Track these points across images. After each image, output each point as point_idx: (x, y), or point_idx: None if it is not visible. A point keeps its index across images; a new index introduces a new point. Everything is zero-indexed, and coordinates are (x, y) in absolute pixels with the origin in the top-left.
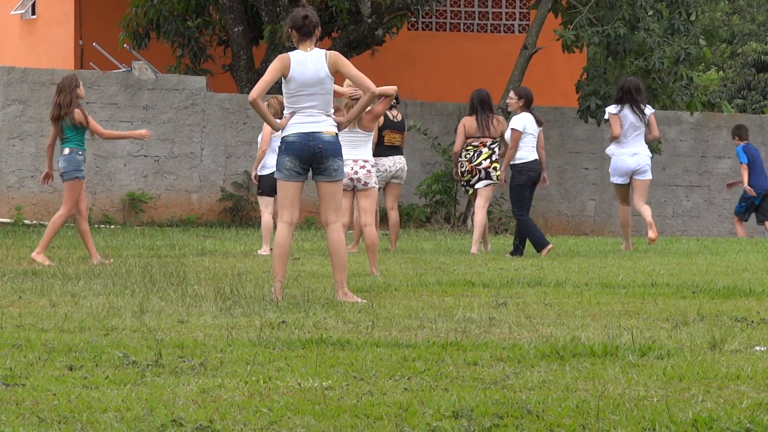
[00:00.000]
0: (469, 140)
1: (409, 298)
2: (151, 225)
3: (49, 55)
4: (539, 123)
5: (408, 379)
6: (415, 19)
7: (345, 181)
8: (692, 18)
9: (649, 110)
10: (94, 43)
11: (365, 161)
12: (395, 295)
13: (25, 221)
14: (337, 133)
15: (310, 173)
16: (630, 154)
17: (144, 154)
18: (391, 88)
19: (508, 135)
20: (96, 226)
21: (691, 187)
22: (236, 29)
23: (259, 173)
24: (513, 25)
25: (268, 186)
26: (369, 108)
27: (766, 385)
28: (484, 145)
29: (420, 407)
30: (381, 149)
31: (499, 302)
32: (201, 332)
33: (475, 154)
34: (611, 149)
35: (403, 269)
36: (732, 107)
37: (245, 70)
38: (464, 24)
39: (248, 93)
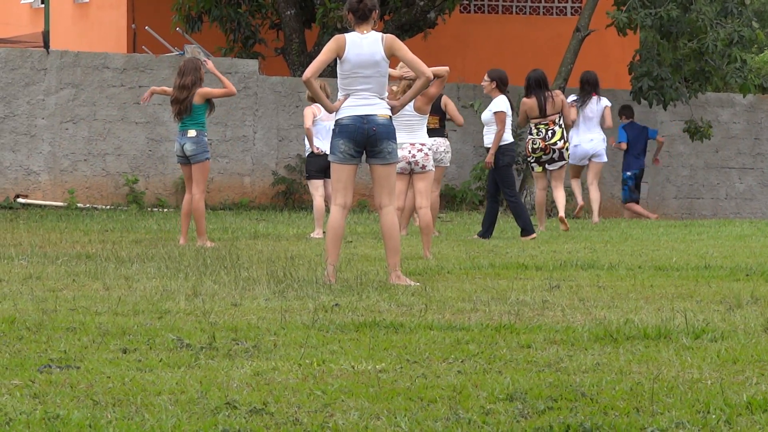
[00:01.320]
0: (536, 120)
1: (462, 281)
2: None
3: (102, 38)
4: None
5: (461, 362)
6: (467, 2)
7: (402, 164)
8: (746, 1)
9: (605, 102)
10: (146, 27)
11: (422, 144)
12: (448, 278)
13: (78, 205)
14: (390, 116)
15: (364, 156)
16: (588, 140)
17: None
18: (443, 69)
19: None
20: (149, 209)
21: (745, 170)
22: (288, 12)
23: (306, 156)
24: (565, 7)
25: (315, 169)
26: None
27: None
28: (554, 123)
29: (474, 390)
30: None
31: (552, 285)
32: (254, 315)
33: (549, 133)
34: (570, 136)
35: (456, 252)
36: None
37: (297, 54)
38: (516, 6)
39: (301, 76)
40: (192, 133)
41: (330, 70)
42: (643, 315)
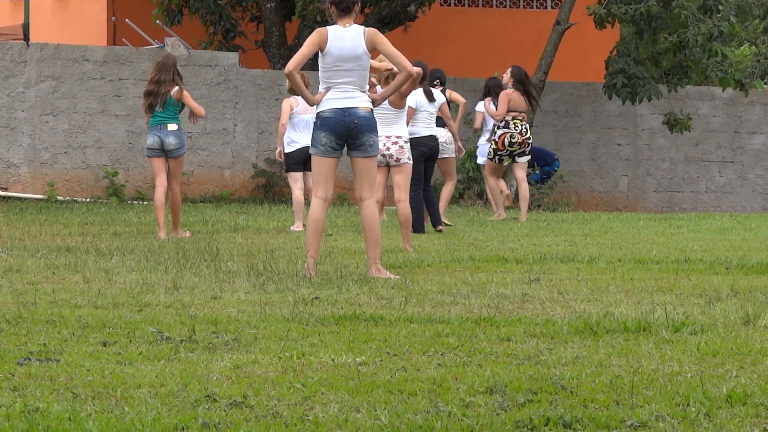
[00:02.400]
0: (513, 114)
1: (442, 274)
2: (184, 201)
3: (82, 31)
4: (431, 98)
5: (441, 354)
6: None
7: (378, 157)
8: None
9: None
10: (126, 20)
11: (398, 137)
12: (428, 271)
13: (58, 197)
14: (372, 109)
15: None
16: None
17: None
18: (415, 70)
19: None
20: (129, 202)
21: (725, 163)
22: (268, 5)
23: (284, 151)
24: (546, 0)
25: (294, 162)
26: None
27: None
28: (525, 120)
29: (454, 383)
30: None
31: (532, 278)
32: (234, 308)
33: (524, 128)
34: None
35: (436, 245)
36: (765, 83)
37: (278, 46)
38: (497, 0)
39: (281, 69)
40: (173, 126)
41: (311, 63)
42: (623, 308)
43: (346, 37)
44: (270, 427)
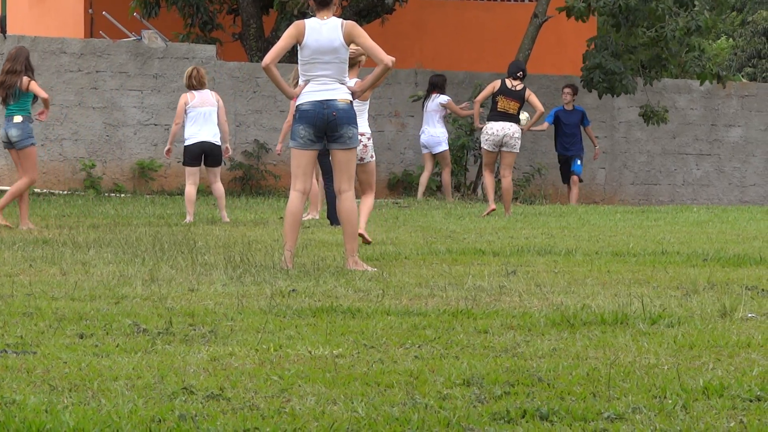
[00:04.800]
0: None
1: (419, 266)
2: (161, 194)
3: (59, 23)
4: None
5: (418, 347)
6: None
7: None
8: None
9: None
10: (104, 12)
11: (361, 134)
12: (405, 263)
13: (35, 190)
14: (351, 101)
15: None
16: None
17: (154, 122)
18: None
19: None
20: (106, 194)
21: (702, 156)
22: None
23: (184, 145)
24: None
25: (189, 156)
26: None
27: None
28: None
29: (431, 375)
30: (493, 114)
31: (510, 271)
32: (211, 300)
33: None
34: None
35: (413, 238)
36: (742, 76)
37: (255, 39)
38: None
39: (258, 62)
40: (18, 119)
41: (288, 56)
42: (600, 300)
43: (323, 29)
44: (247, 419)
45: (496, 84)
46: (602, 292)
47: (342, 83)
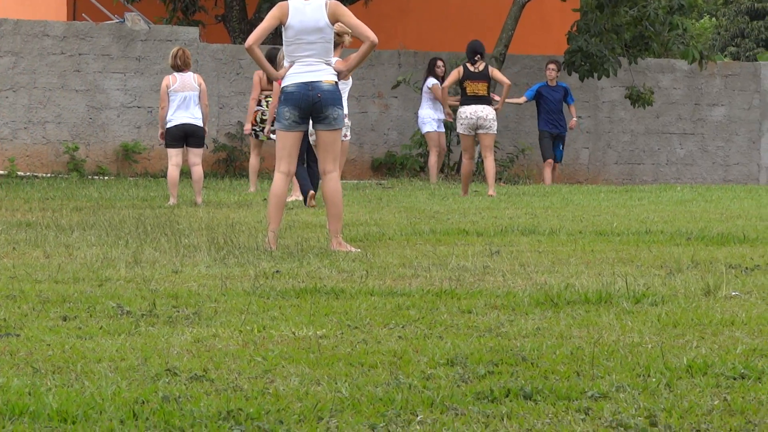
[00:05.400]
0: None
1: (403, 246)
2: (145, 176)
3: (42, 6)
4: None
5: (402, 327)
6: None
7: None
8: None
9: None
10: None
11: None
12: (389, 244)
13: (19, 173)
14: (336, 82)
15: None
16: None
17: (137, 105)
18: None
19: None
20: (90, 177)
21: (685, 135)
22: None
23: (166, 128)
24: None
25: (170, 138)
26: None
27: (760, 331)
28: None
29: (414, 355)
30: (464, 99)
31: (493, 251)
32: (195, 282)
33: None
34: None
35: (396, 218)
36: (725, 55)
37: (238, 21)
38: None
39: (241, 43)
40: None
41: (272, 37)
42: (583, 280)
43: (307, 10)
44: (230, 400)
45: (460, 70)
46: (586, 272)
47: (328, 64)
